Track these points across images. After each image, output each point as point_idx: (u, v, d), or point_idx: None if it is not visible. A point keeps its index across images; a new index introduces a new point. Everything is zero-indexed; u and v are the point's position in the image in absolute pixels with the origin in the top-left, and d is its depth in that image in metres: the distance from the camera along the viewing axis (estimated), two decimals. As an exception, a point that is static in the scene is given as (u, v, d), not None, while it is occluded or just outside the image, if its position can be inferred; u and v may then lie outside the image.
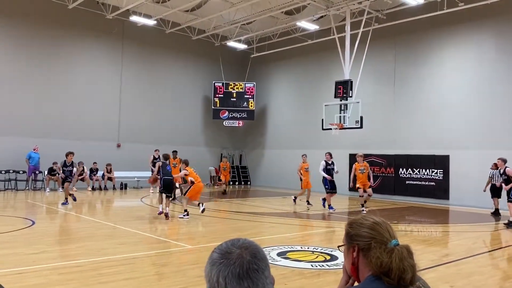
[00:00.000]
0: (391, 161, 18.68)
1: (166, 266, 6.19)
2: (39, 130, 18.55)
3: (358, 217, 1.77)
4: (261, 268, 1.24)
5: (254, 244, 1.30)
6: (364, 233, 1.67)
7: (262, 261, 1.26)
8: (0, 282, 4.96)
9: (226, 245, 1.29)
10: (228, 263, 1.22)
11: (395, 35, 18.70)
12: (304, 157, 15.22)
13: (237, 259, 1.23)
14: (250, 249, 1.26)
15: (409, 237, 9.62)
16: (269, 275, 1.26)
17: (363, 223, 1.71)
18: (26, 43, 18.55)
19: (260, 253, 1.28)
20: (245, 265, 1.22)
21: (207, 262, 1.28)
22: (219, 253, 1.27)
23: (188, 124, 23.81)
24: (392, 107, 18.88)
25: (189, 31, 22.67)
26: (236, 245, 1.28)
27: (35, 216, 11.14)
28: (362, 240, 1.67)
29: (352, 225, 1.74)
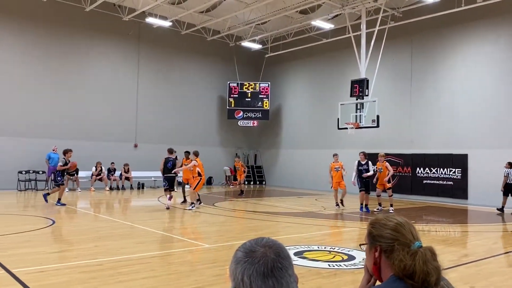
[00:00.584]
0: (408, 160, 18.48)
1: (184, 265, 6.24)
2: (58, 131, 18.88)
3: (381, 217, 1.74)
4: (285, 266, 1.25)
5: (277, 243, 1.31)
6: (387, 234, 1.65)
7: (286, 260, 1.27)
8: (23, 280, 5.08)
9: (250, 244, 1.30)
10: (252, 261, 1.23)
11: (412, 33, 18.49)
12: (335, 157, 14.43)
13: (262, 257, 1.24)
14: (274, 248, 1.27)
15: (427, 237, 9.51)
16: (293, 274, 1.27)
17: (386, 223, 1.68)
18: (44, 46, 18.90)
19: (284, 251, 1.29)
20: (270, 263, 1.23)
21: (231, 261, 1.29)
22: (243, 251, 1.28)
23: (203, 124, 23.95)
24: (408, 105, 18.68)
25: (204, 32, 22.80)
26: (260, 243, 1.29)
27: (55, 215, 11.33)
28: (384, 242, 1.65)
29: (374, 225, 1.72)
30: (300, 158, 23.41)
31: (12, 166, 17.22)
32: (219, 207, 14.27)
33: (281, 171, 24.75)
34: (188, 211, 12.61)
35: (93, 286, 5.01)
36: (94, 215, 12.02)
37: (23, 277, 5.22)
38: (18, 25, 18.28)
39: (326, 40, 21.02)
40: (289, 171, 23.94)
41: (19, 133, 18.00)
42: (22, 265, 5.96)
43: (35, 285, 4.93)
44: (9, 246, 7.22)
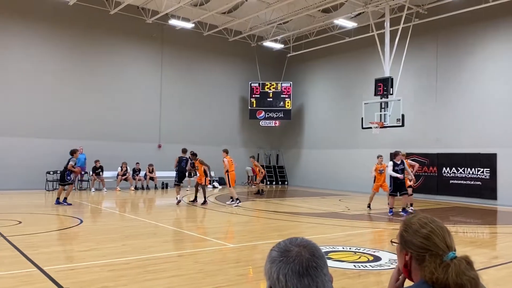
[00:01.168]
0: (433, 160, 18.13)
1: (209, 265, 6.29)
2: (85, 132, 19.30)
3: (415, 221, 1.66)
4: (319, 265, 1.26)
5: (312, 242, 1.32)
6: (418, 243, 1.59)
7: (321, 259, 1.28)
8: (55, 278, 5.21)
9: (285, 243, 1.32)
10: (287, 260, 1.25)
11: (437, 30, 18.14)
12: (380, 159, 13.84)
13: (297, 257, 1.25)
14: (308, 247, 1.29)
15: (455, 238, 9.30)
16: (327, 273, 1.28)
17: (418, 230, 1.61)
18: (70, 49, 19.35)
19: (318, 251, 1.30)
20: (305, 262, 1.24)
21: (266, 261, 1.31)
22: (278, 251, 1.29)
23: (225, 124, 24.08)
24: (434, 104, 18.33)
25: (226, 32, 22.92)
26: (294, 243, 1.30)
27: (83, 215, 11.60)
28: (415, 250, 1.59)
29: (407, 229, 1.66)
30: (323, 158, 23.27)
31: (41, 167, 17.68)
32: (242, 207, 14.31)
33: (303, 171, 24.65)
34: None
35: (122, 284, 5.11)
36: (120, 214, 12.24)
37: (54, 274, 5.36)
38: (45, 29, 18.77)
39: (349, 38, 20.83)
40: (312, 171, 23.82)
41: (47, 134, 18.48)
42: (53, 263, 6.12)
43: (66, 282, 5.05)
44: (40, 244, 7.42)
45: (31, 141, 18.02)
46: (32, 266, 5.80)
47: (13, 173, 17.29)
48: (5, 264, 5.98)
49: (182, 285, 5.16)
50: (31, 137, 18.11)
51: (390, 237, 8.58)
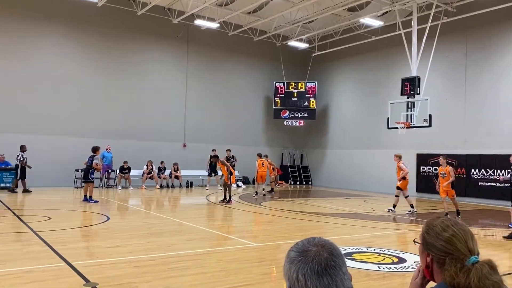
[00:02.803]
0: (462, 161, 17.70)
1: (232, 263, 6.33)
2: (112, 131, 19.71)
3: (437, 223, 1.63)
4: (338, 264, 1.27)
5: (329, 242, 1.33)
6: (440, 246, 1.56)
7: (339, 258, 1.29)
8: (83, 273, 5.36)
9: (303, 243, 1.33)
10: (306, 260, 1.26)
11: (466, 28, 17.70)
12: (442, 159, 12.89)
13: (315, 256, 1.26)
14: (326, 247, 1.29)
15: (483, 242, 9.09)
16: (346, 272, 1.29)
17: (440, 233, 1.58)
18: (97, 50, 19.80)
19: (336, 250, 1.30)
20: (323, 262, 1.25)
21: (285, 261, 1.32)
22: (296, 251, 1.30)
23: (250, 124, 24.14)
24: (463, 104, 17.89)
25: (250, 32, 22.98)
26: (312, 243, 1.31)
27: (109, 212, 11.85)
28: (437, 253, 1.57)
29: (429, 232, 1.63)
30: (347, 158, 23.05)
31: (69, 164, 18.15)
32: (265, 206, 14.35)
33: (328, 172, 24.48)
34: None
35: (146, 280, 5.21)
36: (146, 212, 12.45)
37: (82, 269, 5.51)
38: (74, 30, 19.26)
39: (375, 37, 20.55)
40: (336, 171, 23.63)
41: (75, 133, 18.96)
42: (81, 258, 6.29)
43: (94, 277, 5.19)
44: (69, 240, 7.64)
45: (60, 139, 18.52)
46: (61, 260, 5.98)
47: (43, 170, 17.79)
48: (36, 258, 6.18)
49: (205, 283, 5.22)
50: (61, 136, 18.62)
51: (416, 239, 8.44)
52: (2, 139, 17.44)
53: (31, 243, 7.19)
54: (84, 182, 14.08)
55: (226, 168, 14.39)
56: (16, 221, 9.38)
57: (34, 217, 10.22)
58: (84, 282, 5.02)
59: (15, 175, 16.28)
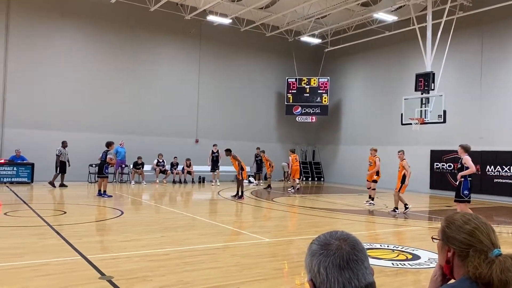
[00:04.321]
0: (477, 158, 17.40)
1: (245, 258, 6.35)
2: (125, 127, 19.88)
3: (458, 217, 1.63)
4: (360, 258, 1.26)
5: (352, 236, 1.32)
6: (462, 239, 1.56)
7: (361, 252, 1.28)
8: (98, 266, 5.43)
9: (325, 236, 1.32)
10: (328, 254, 1.25)
11: (482, 23, 17.40)
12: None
13: (337, 250, 1.25)
14: (349, 241, 1.28)
15: (500, 239, 8.96)
16: (368, 266, 1.28)
17: (462, 226, 1.58)
18: (111, 46, 19.94)
19: (358, 244, 1.29)
20: (345, 256, 1.24)
21: (306, 254, 1.32)
22: (318, 244, 1.30)
23: (262, 120, 24.12)
24: (478, 100, 17.63)
25: (263, 28, 22.93)
26: (334, 236, 1.30)
27: (123, 206, 11.97)
28: (459, 246, 1.56)
29: (449, 226, 1.63)
30: (360, 154, 22.84)
31: (84, 160, 18.36)
32: (277, 202, 14.35)
33: (340, 168, 24.37)
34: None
35: (161, 274, 5.25)
36: (159, 207, 12.54)
37: (98, 263, 5.58)
38: (87, 26, 19.41)
39: (389, 32, 20.33)
40: (349, 167, 23.49)
41: (90, 128, 19.16)
42: (96, 252, 6.37)
43: (109, 270, 5.25)
44: (84, 234, 7.74)
45: (74, 135, 18.71)
46: (76, 254, 6.06)
47: (59, 165, 18.02)
48: (52, 251, 6.28)
49: (219, 277, 5.25)
50: (75, 132, 18.82)
51: (430, 235, 8.37)
52: (18, 134, 17.71)
53: (47, 236, 7.30)
54: (99, 177, 14.25)
55: (238, 163, 14.35)
56: (32, 215, 9.53)
57: (50, 211, 10.38)
58: (100, 275, 5.08)
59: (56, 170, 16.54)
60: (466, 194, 9.14)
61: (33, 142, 17.86)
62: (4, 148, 17.72)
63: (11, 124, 17.80)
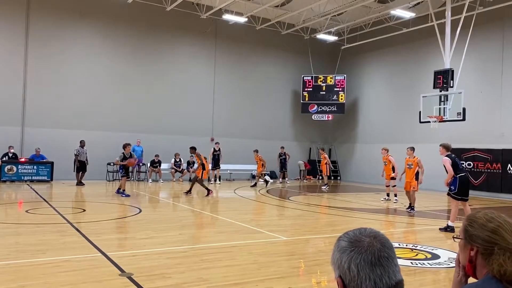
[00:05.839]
0: (497, 156, 17.13)
1: (263, 256, 6.36)
2: (142, 126, 20.09)
3: (480, 215, 1.61)
4: (391, 256, 1.27)
5: (381, 233, 1.33)
6: (486, 236, 1.53)
7: (391, 249, 1.29)
8: (118, 263, 5.50)
9: (354, 233, 1.33)
10: (359, 251, 1.26)
11: (503, 18, 17.05)
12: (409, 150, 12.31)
13: (368, 247, 1.26)
14: (379, 238, 1.30)
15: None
16: (397, 263, 1.29)
17: (485, 224, 1.56)
18: (128, 45, 20.16)
19: (388, 242, 1.30)
20: (377, 253, 1.25)
21: (334, 250, 1.32)
22: (347, 241, 1.30)
23: (277, 118, 24.09)
24: (499, 97, 17.29)
25: (278, 26, 22.88)
26: (364, 233, 1.31)
27: (141, 204, 12.09)
28: (482, 244, 1.54)
29: (472, 224, 1.60)
30: (377, 153, 22.55)
31: (102, 158, 18.62)
32: (294, 201, 14.32)
33: (357, 166, 24.18)
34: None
35: (180, 271, 5.30)
36: (176, 205, 12.63)
37: (117, 260, 5.65)
38: (105, 26, 19.67)
39: (406, 29, 20.08)
40: (366, 166, 23.29)
41: (108, 127, 19.41)
42: (116, 249, 6.46)
43: (129, 267, 5.31)
44: (103, 231, 7.85)
45: (93, 134, 18.99)
46: (96, 251, 6.15)
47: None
48: (73, 248, 6.38)
49: (237, 275, 5.27)
50: (94, 130, 19.09)
51: (449, 235, 8.25)
52: (38, 134, 18.05)
53: (68, 234, 7.43)
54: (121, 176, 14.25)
55: (200, 162, 14.40)
56: (53, 213, 9.70)
57: (69, 209, 10.55)
58: (120, 272, 5.15)
59: (74, 169, 16.84)
60: (452, 189, 8.85)
61: (52, 141, 18.18)
62: (25, 147, 18.07)
63: (31, 124, 18.15)
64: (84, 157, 16.91)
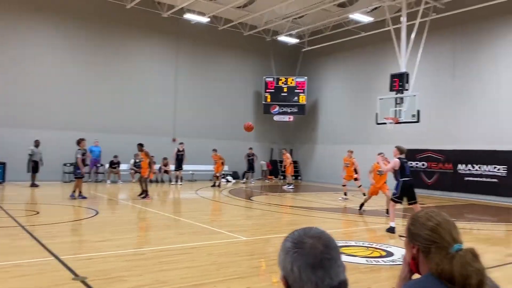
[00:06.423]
0: (449, 156, 17.92)
1: (222, 257, 6.36)
2: (100, 125, 19.54)
3: (422, 214, 1.68)
4: (334, 257, 1.26)
5: (326, 233, 1.32)
6: (426, 235, 1.60)
7: (334, 250, 1.28)
8: (71, 267, 5.33)
9: (299, 234, 1.32)
10: (301, 252, 1.25)
11: (455, 25, 17.85)
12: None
13: (311, 249, 1.25)
14: (323, 239, 1.29)
15: (470, 236, 9.24)
16: (341, 264, 1.29)
17: (425, 223, 1.62)
18: (86, 43, 19.55)
19: (332, 242, 1.30)
20: (319, 255, 1.24)
21: (280, 250, 1.32)
22: (292, 242, 1.30)
23: (239, 119, 24.02)
24: (451, 100, 18.08)
25: (241, 27, 22.92)
26: (308, 234, 1.30)
27: (98, 206, 11.77)
28: (422, 243, 1.60)
29: (414, 223, 1.67)
30: (337, 153, 23.10)
31: (58, 159, 17.97)
32: (255, 201, 14.39)
33: (317, 166, 24.60)
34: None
35: (137, 273, 5.21)
36: (135, 206, 12.39)
37: (71, 263, 5.48)
38: (63, 23, 18.97)
39: (365, 33, 20.63)
40: (326, 166, 23.72)
41: (63, 127, 18.73)
42: (70, 252, 6.26)
43: (83, 271, 5.17)
44: (58, 234, 7.59)
45: (48, 133, 18.30)
46: (49, 255, 5.94)
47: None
48: (24, 252, 6.14)
49: (196, 276, 5.24)
50: (49, 130, 18.39)
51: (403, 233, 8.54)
52: (-11, 133, 17.20)
53: (19, 237, 7.13)
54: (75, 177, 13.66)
55: (148, 161, 13.92)
56: (4, 216, 9.28)
57: (22, 212, 10.13)
58: (73, 276, 5.00)
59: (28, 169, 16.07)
60: (394, 193, 9.12)
61: (4, 141, 17.37)
62: (-26, 147, 17.19)
63: (-19, 122, 17.28)
64: (38, 157, 16.26)
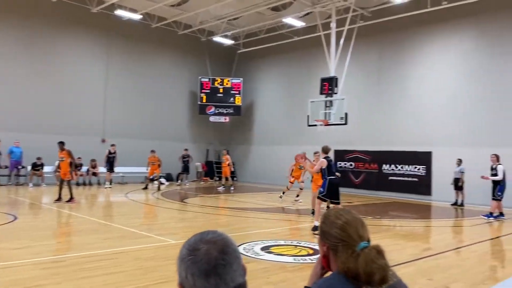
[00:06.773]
0: (375, 157, 18.92)
1: (149, 261, 6.21)
2: (22, 124, 18.28)
3: (332, 212, 1.73)
4: (229, 262, 1.23)
5: (222, 237, 1.29)
6: (334, 233, 1.63)
7: (230, 255, 1.25)
8: (-18, 277, 4.95)
9: (195, 240, 1.28)
10: (195, 260, 1.22)
11: (380, 32, 18.88)
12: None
13: (204, 255, 1.22)
14: (218, 244, 1.25)
15: (391, 232, 9.81)
16: (238, 268, 1.26)
17: (334, 222, 1.66)
18: (9, 37, 18.24)
19: (228, 247, 1.26)
20: (212, 261, 1.21)
21: (177, 257, 1.28)
22: (187, 248, 1.26)
23: (174, 119, 23.72)
24: (376, 104, 19.09)
25: (175, 25, 22.56)
26: (203, 240, 1.26)
27: (18, 211, 11.01)
28: (331, 241, 1.64)
29: (325, 221, 1.71)
30: (271, 154, 23.55)
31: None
32: (189, 203, 14.23)
33: (253, 167, 24.84)
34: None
35: (56, 282, 4.94)
36: (60, 211, 11.74)
37: (-18, 274, 5.09)
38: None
39: (297, 37, 21.18)
40: (261, 167, 24.05)
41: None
42: (-18, 262, 5.79)
43: (-5, 282, 4.81)
44: (-32, 242, 6.99)
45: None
46: (-43, 265, 5.47)
47: None
48: None
49: (120, 282, 5.07)
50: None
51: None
52: None
53: None
54: None
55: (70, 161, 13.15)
56: None
57: None
58: (-16, 287, 4.64)
59: None
60: (321, 191, 9.43)
61: None
62: None
63: None
64: None
